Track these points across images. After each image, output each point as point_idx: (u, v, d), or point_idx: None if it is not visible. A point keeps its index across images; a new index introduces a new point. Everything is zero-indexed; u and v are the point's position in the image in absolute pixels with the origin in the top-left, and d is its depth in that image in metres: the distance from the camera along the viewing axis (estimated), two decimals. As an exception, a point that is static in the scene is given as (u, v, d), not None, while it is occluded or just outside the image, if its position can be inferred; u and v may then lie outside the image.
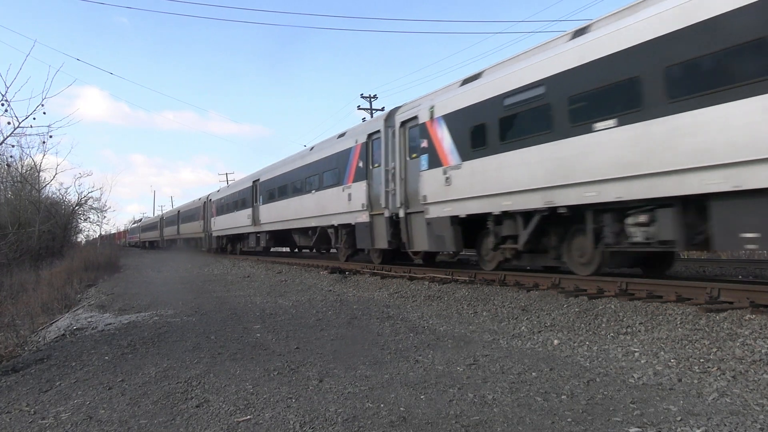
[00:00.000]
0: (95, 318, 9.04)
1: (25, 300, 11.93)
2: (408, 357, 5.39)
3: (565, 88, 7.91)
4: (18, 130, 10.32)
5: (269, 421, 3.72)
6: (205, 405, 4.13)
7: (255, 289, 12.36)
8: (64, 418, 4.03)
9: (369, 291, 10.91)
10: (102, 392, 4.62)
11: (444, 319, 7.53)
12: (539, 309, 7.28)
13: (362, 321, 7.58)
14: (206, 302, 10.30)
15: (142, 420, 3.88)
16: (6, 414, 4.27)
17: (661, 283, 7.30)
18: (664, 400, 3.89)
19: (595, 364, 4.93)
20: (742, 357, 4.62)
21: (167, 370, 5.23)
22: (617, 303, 6.80)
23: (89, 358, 6.00)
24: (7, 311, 9.88)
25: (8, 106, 9.40)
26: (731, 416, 3.48)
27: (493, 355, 5.37)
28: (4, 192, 26.12)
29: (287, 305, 9.44)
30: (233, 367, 5.23)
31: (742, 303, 5.99)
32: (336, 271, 14.09)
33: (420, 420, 3.63)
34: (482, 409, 3.82)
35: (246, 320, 7.97)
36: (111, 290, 13.71)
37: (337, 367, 5.08)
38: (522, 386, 4.30)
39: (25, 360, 6.35)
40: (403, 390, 4.30)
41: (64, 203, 32.54)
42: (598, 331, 6.07)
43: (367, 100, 35.50)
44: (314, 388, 4.43)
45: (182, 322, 8.05)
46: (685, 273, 11.07)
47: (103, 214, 42.82)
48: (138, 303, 10.59)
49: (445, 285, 9.93)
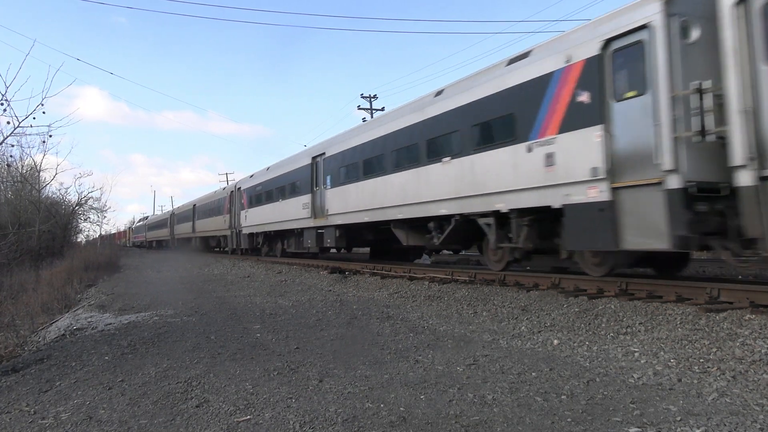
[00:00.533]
0: (95, 318, 9.04)
1: (25, 300, 11.93)
2: (408, 357, 5.39)
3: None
4: (18, 130, 10.32)
5: (269, 421, 3.72)
6: (205, 405, 4.13)
7: (255, 289, 12.36)
8: (64, 418, 4.03)
9: (369, 291, 10.91)
10: (102, 392, 4.62)
11: (444, 319, 7.53)
12: (539, 309, 7.28)
13: (362, 321, 7.58)
14: (206, 302, 10.30)
15: (142, 420, 3.88)
16: (6, 414, 4.27)
17: (661, 283, 7.30)
18: (664, 400, 3.89)
19: (595, 364, 4.93)
20: (742, 357, 4.62)
21: (167, 370, 5.23)
22: (617, 303, 6.80)
23: (89, 358, 6.00)
24: (7, 311, 9.88)
25: (8, 105, 9.41)
26: (731, 416, 3.48)
27: (493, 355, 5.37)
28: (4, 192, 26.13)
29: (287, 305, 9.44)
30: (233, 367, 5.23)
31: (742, 303, 6.00)
32: (336, 271, 14.09)
33: (420, 420, 3.63)
34: (482, 409, 3.82)
35: (246, 320, 7.98)
36: (111, 290, 13.71)
37: (337, 367, 5.08)
38: (522, 386, 4.30)
39: (25, 360, 6.35)
40: (403, 390, 4.30)
41: (64, 203, 32.51)
42: (598, 331, 6.07)
43: (367, 100, 35.49)
44: (314, 388, 4.43)
45: (182, 322, 8.05)
46: (686, 273, 11.07)
47: (103, 214, 42.75)
48: (138, 303, 10.59)
49: (445, 285, 9.93)
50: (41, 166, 27.18)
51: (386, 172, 13.12)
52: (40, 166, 26.64)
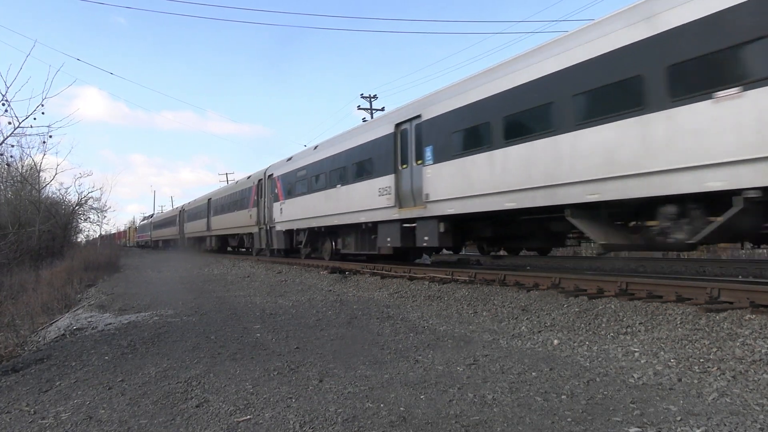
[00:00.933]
0: (95, 318, 9.04)
1: (25, 300, 11.92)
2: (408, 357, 5.39)
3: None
4: (18, 130, 10.32)
5: (269, 421, 3.72)
6: (205, 405, 4.13)
7: (255, 289, 12.36)
8: (64, 418, 4.03)
9: (369, 291, 10.91)
10: (102, 392, 4.62)
11: (444, 319, 7.53)
12: (539, 309, 7.27)
13: (362, 321, 7.58)
14: (206, 302, 10.30)
15: (142, 420, 3.88)
16: (6, 414, 4.27)
17: (661, 283, 7.30)
18: (664, 400, 3.89)
19: (595, 364, 4.93)
20: (742, 357, 4.62)
21: (167, 370, 5.23)
22: (617, 303, 6.80)
23: (89, 358, 6.00)
24: (7, 311, 9.88)
25: (8, 106, 9.41)
26: (731, 416, 3.48)
27: (493, 355, 5.37)
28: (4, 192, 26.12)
29: (287, 305, 9.44)
30: (233, 367, 5.23)
31: (742, 303, 5.99)
32: (336, 271, 14.08)
33: (420, 420, 3.63)
34: (482, 409, 3.82)
35: (246, 320, 7.97)
36: (111, 290, 13.71)
37: (337, 367, 5.08)
38: (522, 386, 4.30)
39: (25, 360, 6.35)
40: (403, 390, 4.30)
41: (64, 203, 32.49)
42: (598, 331, 6.06)
43: (367, 100, 35.50)
44: (314, 388, 4.42)
45: (182, 322, 8.05)
46: (685, 273, 11.06)
47: (103, 214, 42.69)
48: (138, 303, 10.59)
49: (445, 285, 9.93)
50: (41, 166, 27.21)
51: (552, 132, 8.42)
52: (40, 166, 26.66)
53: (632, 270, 11.00)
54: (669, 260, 12.48)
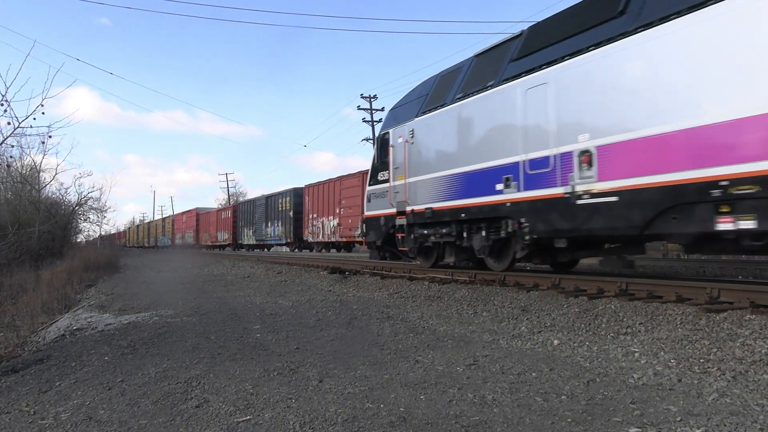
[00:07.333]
0: (95, 318, 9.04)
1: (25, 300, 11.93)
2: (408, 357, 5.39)
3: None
4: (18, 130, 10.33)
5: (269, 422, 3.71)
6: (204, 405, 4.13)
7: (255, 290, 12.36)
8: (63, 419, 4.03)
9: (369, 291, 10.90)
10: (102, 392, 4.62)
11: (444, 319, 7.53)
12: (539, 309, 7.27)
13: (362, 321, 7.57)
14: (206, 302, 10.30)
15: (142, 420, 3.88)
16: (6, 414, 4.27)
17: (661, 283, 7.30)
18: (664, 400, 3.88)
19: (595, 364, 4.93)
20: (742, 357, 4.62)
21: (167, 370, 5.23)
22: (617, 303, 6.80)
23: (89, 358, 6.00)
24: (7, 311, 9.89)
25: (8, 106, 9.42)
26: (731, 416, 3.48)
27: (493, 355, 5.37)
28: (4, 192, 26.12)
29: (287, 305, 9.44)
30: (233, 367, 5.23)
31: (742, 303, 5.99)
32: (336, 271, 14.09)
33: (420, 420, 3.63)
34: (482, 409, 3.82)
35: (246, 320, 7.97)
36: (111, 290, 13.71)
37: (337, 367, 5.08)
38: (522, 386, 4.30)
39: (25, 360, 6.35)
40: (403, 390, 4.30)
41: (64, 203, 32.50)
42: (598, 331, 6.06)
43: (367, 101, 35.49)
44: (314, 389, 4.42)
45: (182, 322, 8.05)
46: (685, 273, 11.07)
47: (103, 214, 42.67)
48: (138, 303, 10.58)
49: (445, 285, 9.93)
50: (41, 166, 27.21)
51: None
52: (40, 167, 26.67)
53: (632, 270, 10.99)
54: (669, 260, 12.48)
